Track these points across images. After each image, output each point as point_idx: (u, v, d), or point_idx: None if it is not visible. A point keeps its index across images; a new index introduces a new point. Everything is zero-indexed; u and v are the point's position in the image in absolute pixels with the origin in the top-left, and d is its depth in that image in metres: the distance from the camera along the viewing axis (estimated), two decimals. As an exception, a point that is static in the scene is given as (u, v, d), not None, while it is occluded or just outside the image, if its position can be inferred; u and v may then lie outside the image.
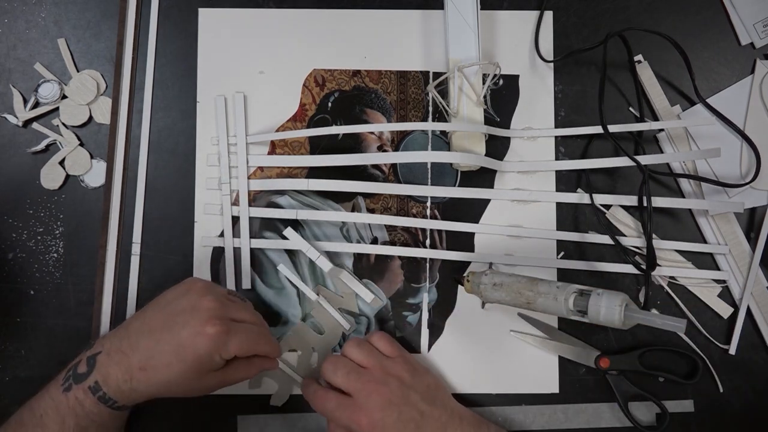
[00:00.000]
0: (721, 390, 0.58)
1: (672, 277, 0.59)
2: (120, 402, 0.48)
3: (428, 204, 0.61)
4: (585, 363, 0.58)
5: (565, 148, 0.60)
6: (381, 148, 0.61)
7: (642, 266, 0.58)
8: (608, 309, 0.47)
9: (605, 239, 0.59)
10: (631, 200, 0.58)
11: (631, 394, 0.57)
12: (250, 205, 0.60)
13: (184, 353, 0.47)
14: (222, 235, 0.60)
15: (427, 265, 0.60)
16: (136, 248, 0.60)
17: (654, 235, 0.59)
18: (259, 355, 0.52)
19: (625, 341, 0.59)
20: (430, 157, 0.59)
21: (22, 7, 0.61)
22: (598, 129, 0.59)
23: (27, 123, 0.60)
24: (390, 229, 0.60)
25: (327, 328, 0.59)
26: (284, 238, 0.59)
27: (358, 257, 0.60)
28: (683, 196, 0.60)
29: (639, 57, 0.61)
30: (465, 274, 0.57)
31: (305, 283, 0.59)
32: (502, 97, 0.61)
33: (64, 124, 0.60)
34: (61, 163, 0.60)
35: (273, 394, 0.58)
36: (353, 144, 0.61)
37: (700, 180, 0.58)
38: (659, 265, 0.58)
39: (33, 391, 0.50)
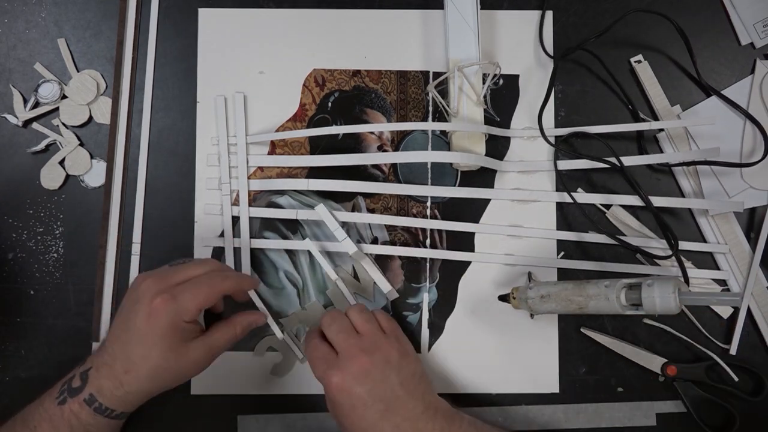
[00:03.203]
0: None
1: (672, 277, 0.59)
2: (117, 409, 0.49)
3: (428, 204, 0.61)
4: (650, 368, 0.57)
5: (565, 147, 0.60)
6: (381, 148, 0.61)
7: (646, 261, 0.58)
8: (663, 298, 0.47)
9: (605, 239, 0.59)
10: (632, 200, 0.58)
11: (699, 399, 0.57)
12: (250, 205, 0.60)
13: (150, 338, 0.47)
14: (222, 235, 0.60)
15: (428, 265, 0.60)
16: (136, 248, 0.60)
17: (654, 235, 0.59)
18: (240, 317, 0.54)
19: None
20: (430, 157, 0.59)
21: (22, 7, 0.61)
22: (598, 129, 0.60)
23: (27, 123, 0.60)
24: (390, 229, 0.60)
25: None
26: (285, 237, 0.59)
27: (358, 257, 0.60)
28: (683, 196, 0.60)
29: (639, 57, 0.61)
30: (509, 292, 0.56)
31: (305, 282, 0.59)
32: (502, 97, 0.61)
33: (64, 124, 0.60)
34: (61, 163, 0.60)
35: (276, 363, 0.58)
36: (353, 144, 0.61)
37: (712, 164, 0.57)
38: (670, 254, 0.57)
39: (33, 391, 0.50)
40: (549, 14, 0.61)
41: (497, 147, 0.60)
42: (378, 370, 0.49)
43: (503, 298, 0.57)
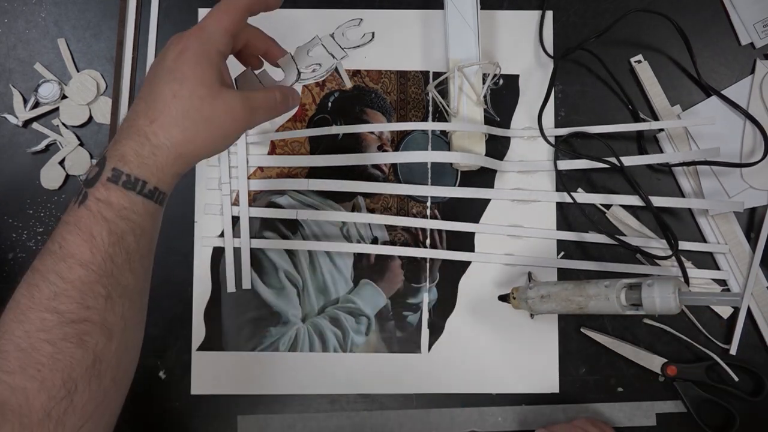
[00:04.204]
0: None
1: (672, 277, 0.59)
2: (149, 180, 0.39)
3: (428, 204, 0.61)
4: (650, 368, 0.57)
5: (565, 147, 0.60)
6: (381, 148, 0.61)
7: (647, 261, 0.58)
8: (663, 298, 0.47)
9: (605, 239, 0.59)
10: (632, 200, 0.58)
11: (699, 399, 0.57)
12: (250, 205, 0.60)
13: (180, 72, 0.40)
14: (222, 235, 0.60)
15: (428, 265, 0.60)
16: (136, 248, 0.59)
17: (654, 235, 0.59)
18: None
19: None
20: (430, 157, 0.59)
21: (22, 7, 0.61)
22: (598, 129, 0.60)
23: (27, 123, 0.60)
24: (390, 228, 0.60)
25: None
26: (285, 237, 0.59)
27: (358, 257, 0.60)
28: (683, 196, 0.60)
29: (639, 57, 0.61)
30: (509, 292, 0.56)
31: (305, 282, 0.59)
32: (502, 97, 0.61)
33: (64, 124, 0.60)
34: (61, 163, 0.60)
35: None
36: (353, 144, 0.61)
37: (712, 164, 0.57)
38: (670, 254, 0.57)
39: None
40: (549, 14, 0.62)
41: (497, 147, 0.60)
42: None
43: (503, 298, 0.57)
